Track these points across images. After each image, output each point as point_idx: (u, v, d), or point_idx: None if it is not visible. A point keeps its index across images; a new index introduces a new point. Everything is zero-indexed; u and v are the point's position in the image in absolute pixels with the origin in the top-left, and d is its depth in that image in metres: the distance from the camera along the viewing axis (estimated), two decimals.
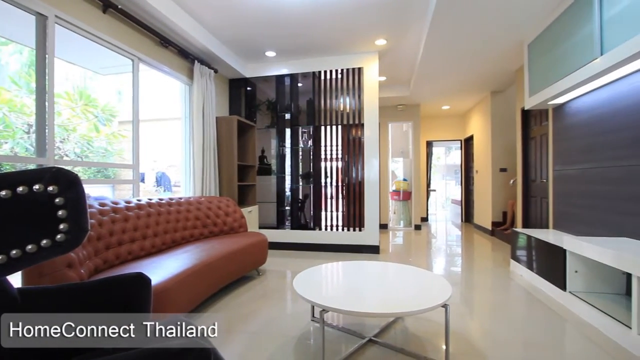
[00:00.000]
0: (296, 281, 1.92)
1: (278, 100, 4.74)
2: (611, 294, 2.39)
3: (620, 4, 2.15)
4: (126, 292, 1.18)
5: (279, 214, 4.75)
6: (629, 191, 2.37)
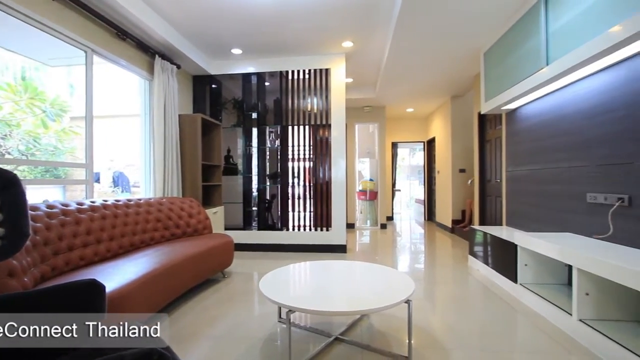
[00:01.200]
0: (262, 282, 1.90)
1: (245, 99, 4.65)
2: (556, 284, 2.61)
3: (562, 20, 2.36)
4: (77, 301, 1.10)
5: (246, 215, 4.67)
6: (572, 190, 2.60)
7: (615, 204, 2.12)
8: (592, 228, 2.35)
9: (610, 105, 2.20)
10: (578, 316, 1.96)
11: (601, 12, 1.98)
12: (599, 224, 2.28)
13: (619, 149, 2.13)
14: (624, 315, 1.94)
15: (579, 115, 2.51)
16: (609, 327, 1.85)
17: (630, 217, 2.04)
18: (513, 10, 2.93)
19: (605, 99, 2.24)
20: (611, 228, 2.16)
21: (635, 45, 1.85)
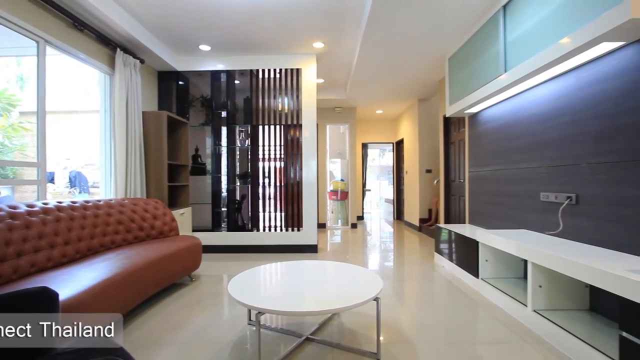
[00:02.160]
0: (231, 284, 1.86)
1: (213, 97, 4.53)
2: (513, 278, 2.78)
3: (519, 30, 2.51)
4: (27, 311, 1.02)
5: (215, 216, 4.55)
6: (527, 190, 2.78)
7: (565, 202, 2.29)
8: (545, 225, 2.53)
9: (559, 111, 2.38)
10: (532, 307, 2.10)
11: (552, 24, 2.14)
12: (551, 221, 2.46)
13: (567, 151, 2.31)
14: (572, 304, 2.10)
15: (532, 120, 2.69)
16: (560, 316, 2.00)
17: (577, 214, 2.21)
18: (475, 18, 3.09)
19: (555, 105, 2.42)
20: (561, 224, 2.34)
21: (582, 56, 2.01)
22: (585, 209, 2.15)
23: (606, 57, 1.98)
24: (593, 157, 2.08)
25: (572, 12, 1.96)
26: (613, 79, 1.94)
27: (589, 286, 2.10)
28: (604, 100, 1.99)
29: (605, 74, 1.99)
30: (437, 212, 5.65)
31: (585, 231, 2.15)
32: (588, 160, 2.12)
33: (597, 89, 2.04)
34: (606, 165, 1.98)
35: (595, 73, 2.06)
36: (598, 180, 2.04)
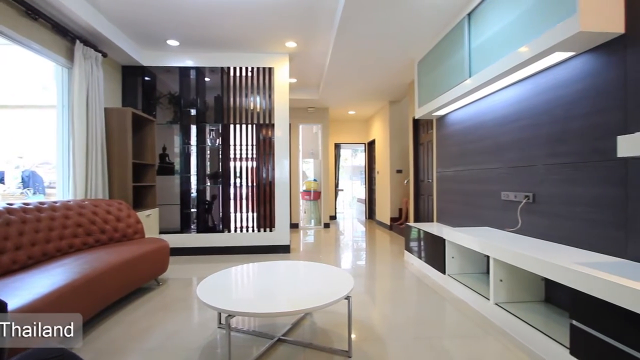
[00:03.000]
0: (200, 287, 1.81)
1: (182, 94, 4.38)
2: (477, 273, 2.92)
3: (482, 37, 2.64)
4: None
5: (184, 217, 4.40)
6: (489, 189, 2.93)
7: (523, 201, 2.44)
8: (506, 222, 2.68)
9: (518, 115, 2.53)
10: (494, 300, 2.22)
11: (512, 33, 2.27)
12: (510, 218, 2.61)
13: (525, 153, 2.46)
14: (529, 297, 2.24)
15: (494, 123, 2.84)
16: (518, 308, 2.12)
17: (534, 212, 2.36)
18: (443, 25, 3.21)
19: (515, 109, 2.57)
20: (519, 222, 2.48)
21: (538, 63, 2.14)
22: (541, 207, 2.30)
23: (559, 66, 2.13)
24: (548, 159, 2.23)
25: (529, 22, 2.09)
26: (565, 86, 2.09)
27: (544, 279, 2.24)
28: (558, 105, 2.14)
29: (558, 82, 2.14)
30: (407, 211, 5.81)
31: (541, 228, 2.30)
32: (543, 161, 2.27)
33: (552, 95, 2.19)
34: (559, 166, 2.13)
35: (550, 80, 2.21)
36: (552, 180, 2.19)
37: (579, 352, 1.50)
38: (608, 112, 1.80)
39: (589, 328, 1.44)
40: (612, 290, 1.32)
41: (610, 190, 1.79)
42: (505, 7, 2.33)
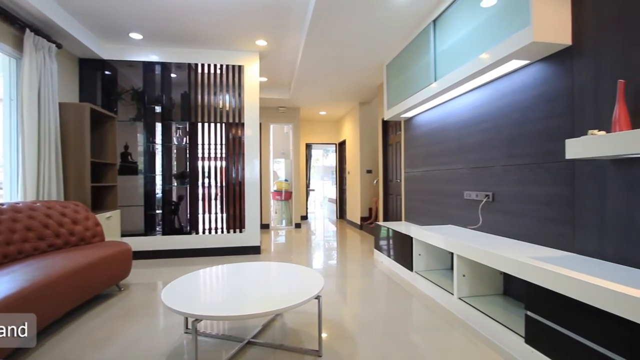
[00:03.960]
0: (166, 292, 1.74)
1: (146, 90, 4.19)
2: (442, 269, 3.04)
3: (447, 43, 2.76)
4: None
5: (148, 219, 4.21)
6: (454, 189, 3.06)
7: (483, 200, 2.58)
8: (468, 220, 2.81)
9: (480, 118, 2.66)
10: (458, 295, 2.32)
11: (474, 40, 2.39)
12: (472, 216, 2.74)
13: (485, 155, 2.59)
14: (490, 290, 2.37)
15: (458, 126, 2.97)
16: (480, 301, 2.24)
17: (493, 210, 2.50)
18: (410, 30, 3.31)
19: (477, 113, 2.70)
20: (480, 220, 2.62)
21: (497, 70, 2.27)
22: (500, 205, 2.44)
23: (516, 73, 2.27)
24: (506, 160, 2.37)
25: (490, 31, 2.21)
26: (522, 92, 2.23)
27: (502, 273, 2.38)
28: (515, 110, 2.28)
29: (515, 88, 2.28)
30: (376, 210, 5.94)
31: (500, 225, 2.44)
32: (502, 162, 2.41)
33: (510, 100, 2.33)
34: (516, 167, 2.27)
35: (508, 86, 2.35)
36: (510, 181, 2.33)
37: (533, 340, 1.61)
38: (558, 117, 1.94)
39: (541, 318, 1.55)
40: (560, 281, 1.43)
41: (560, 190, 1.93)
42: (468, 16, 2.45)
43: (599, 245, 1.71)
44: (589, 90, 1.76)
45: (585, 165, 1.78)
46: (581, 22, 1.81)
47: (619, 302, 1.18)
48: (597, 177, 1.72)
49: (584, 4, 1.79)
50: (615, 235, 1.62)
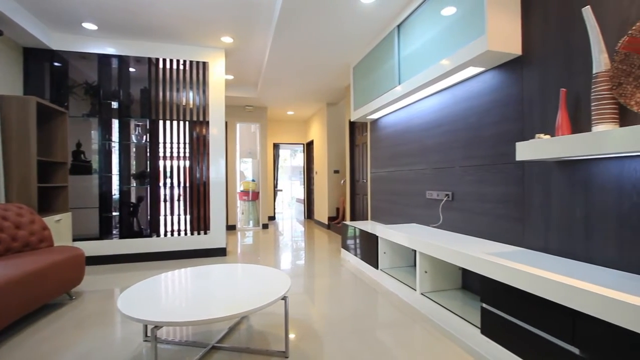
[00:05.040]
0: (122, 298, 1.65)
1: (102, 84, 3.93)
2: (406, 266, 3.14)
3: (410, 48, 2.86)
4: None
5: (104, 222, 3.95)
6: (417, 188, 3.18)
7: (444, 199, 2.70)
8: (430, 219, 2.94)
9: (440, 121, 2.79)
10: (420, 290, 2.41)
11: (436, 46, 2.49)
12: (434, 215, 2.87)
13: (445, 156, 2.72)
14: (449, 285, 2.49)
15: (420, 128, 3.09)
16: (440, 296, 2.34)
17: (453, 209, 2.63)
18: (375, 33, 3.39)
19: (438, 116, 2.83)
20: (441, 218, 2.74)
21: (456, 76, 2.39)
22: (459, 204, 2.57)
23: (473, 79, 2.41)
24: (464, 161, 2.50)
25: (450, 38, 2.32)
26: (478, 97, 2.36)
27: (461, 269, 2.51)
28: (472, 114, 2.42)
29: (472, 93, 2.42)
30: (343, 210, 6.01)
31: (459, 223, 2.57)
32: (460, 163, 2.54)
33: (467, 104, 2.47)
34: (473, 168, 2.41)
35: (466, 92, 2.48)
36: (467, 181, 2.47)
37: (488, 331, 1.71)
38: (510, 122, 2.08)
39: (495, 309, 1.66)
40: (510, 274, 1.53)
41: (511, 189, 2.07)
42: (430, 23, 2.56)
43: (544, 240, 1.85)
44: (536, 97, 1.91)
45: (533, 167, 1.92)
46: (530, 34, 1.96)
47: (561, 291, 1.29)
48: (543, 177, 1.86)
49: (532, 18, 1.94)
50: (558, 230, 1.77)
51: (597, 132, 1.35)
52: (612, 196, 1.51)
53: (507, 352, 1.58)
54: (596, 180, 1.58)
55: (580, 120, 1.64)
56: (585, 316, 1.22)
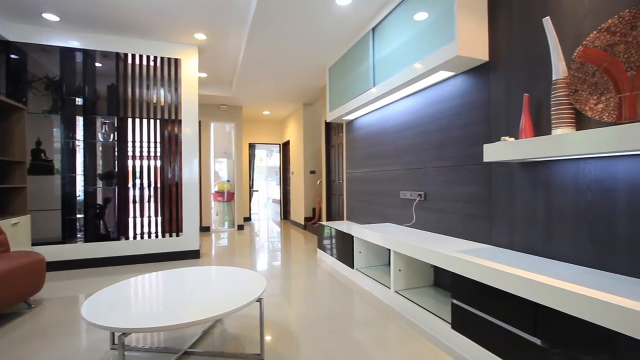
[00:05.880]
0: (87, 305, 1.57)
1: (64, 79, 3.72)
2: (380, 265, 3.20)
3: (385, 51, 2.92)
4: None
5: (67, 224, 3.74)
6: (391, 189, 3.24)
7: (417, 199, 2.78)
8: (404, 218, 3.01)
9: (413, 123, 2.87)
10: (394, 288, 2.47)
11: (409, 50, 2.56)
12: (407, 214, 2.94)
13: (418, 157, 2.80)
14: (422, 282, 2.56)
15: (395, 129, 3.16)
16: (413, 293, 2.41)
17: (425, 208, 2.71)
18: (351, 35, 3.43)
19: (411, 118, 2.90)
20: (414, 217, 2.82)
21: (429, 79, 2.47)
22: (431, 204, 2.65)
23: (444, 83, 2.49)
24: (436, 162, 2.58)
25: (422, 42, 2.39)
26: (449, 100, 2.45)
27: (433, 266, 2.59)
28: (443, 117, 2.50)
29: (444, 96, 2.50)
30: (320, 210, 6.03)
31: (431, 222, 2.65)
32: (433, 164, 2.62)
33: (439, 107, 2.55)
34: (444, 169, 2.49)
35: (438, 94, 2.57)
36: (439, 181, 2.55)
37: (458, 325, 1.78)
38: (479, 125, 2.17)
39: (464, 304, 1.72)
40: (477, 271, 1.60)
41: (480, 189, 2.17)
42: (403, 27, 2.62)
43: (509, 238, 1.95)
44: (502, 102, 2.00)
45: (499, 168, 2.02)
46: (496, 41, 2.05)
47: (523, 286, 1.37)
48: (508, 177, 1.96)
49: (498, 26, 2.04)
50: (521, 228, 1.87)
51: (556, 135, 1.44)
52: (569, 195, 1.61)
53: (476, 345, 1.65)
54: (555, 180, 1.68)
55: (541, 123, 1.74)
56: (545, 309, 1.30)
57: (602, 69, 1.39)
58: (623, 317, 1.03)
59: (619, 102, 1.34)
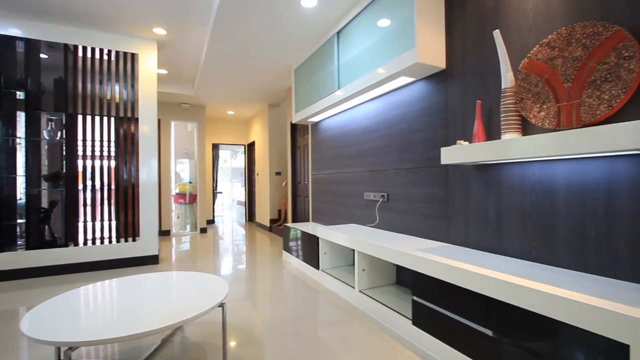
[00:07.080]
0: (28, 319, 1.43)
1: (3, 70, 3.38)
2: (345, 266, 3.25)
3: (350, 54, 2.97)
4: None
5: (5, 231, 3.39)
6: (355, 190, 3.30)
7: (380, 200, 2.85)
8: (367, 219, 3.07)
9: (376, 126, 2.94)
10: (358, 288, 2.51)
11: (372, 55, 2.63)
12: (371, 215, 3.01)
13: (381, 159, 2.88)
14: (385, 281, 2.63)
15: (359, 132, 3.23)
16: (377, 292, 2.47)
17: (388, 209, 2.79)
18: (316, 38, 3.46)
19: (374, 121, 2.98)
20: (377, 218, 2.89)
21: (391, 84, 2.55)
22: (393, 204, 2.73)
23: (405, 88, 2.58)
24: (397, 164, 2.67)
25: (385, 47, 2.46)
26: (409, 105, 2.55)
27: (395, 265, 2.68)
28: (404, 120, 2.60)
29: (405, 101, 2.60)
30: (285, 212, 6.00)
31: (393, 222, 2.74)
32: (394, 166, 2.71)
33: (400, 111, 2.64)
34: (405, 171, 2.58)
35: (399, 99, 2.66)
36: (400, 182, 2.64)
37: (418, 321, 1.85)
38: (437, 129, 2.28)
39: (424, 301, 1.80)
40: (435, 268, 1.68)
41: (438, 190, 2.27)
42: (367, 32, 2.69)
43: (465, 236, 2.07)
44: (458, 107, 2.12)
45: (455, 170, 2.13)
46: (452, 50, 2.17)
47: (475, 281, 1.45)
48: (463, 179, 2.08)
49: (454, 36, 2.15)
50: (475, 227, 1.99)
51: (505, 140, 1.55)
52: (516, 196, 1.74)
53: (435, 339, 1.72)
54: (505, 182, 1.81)
55: (493, 129, 1.87)
56: (495, 301, 1.39)
57: (543, 80, 1.52)
58: (563, 307, 1.13)
59: (557, 111, 1.47)
